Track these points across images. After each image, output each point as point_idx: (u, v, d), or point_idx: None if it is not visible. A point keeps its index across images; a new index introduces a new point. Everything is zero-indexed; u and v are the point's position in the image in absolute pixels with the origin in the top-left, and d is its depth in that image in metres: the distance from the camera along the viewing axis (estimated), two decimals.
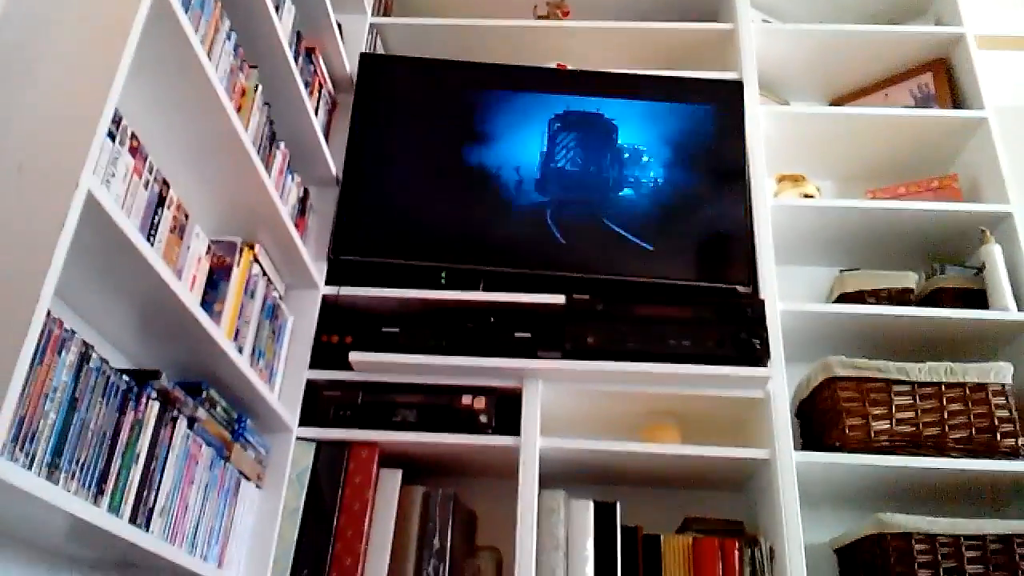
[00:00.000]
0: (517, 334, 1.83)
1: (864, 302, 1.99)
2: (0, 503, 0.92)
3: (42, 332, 0.93)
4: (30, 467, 0.93)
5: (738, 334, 1.79)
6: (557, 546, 1.67)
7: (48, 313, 0.92)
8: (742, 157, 2.05)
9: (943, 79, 2.31)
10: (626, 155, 2.04)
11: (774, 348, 1.82)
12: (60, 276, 0.93)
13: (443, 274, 1.92)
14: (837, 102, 2.50)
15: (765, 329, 1.81)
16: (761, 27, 2.31)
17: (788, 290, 2.09)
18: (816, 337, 2.00)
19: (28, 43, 1.06)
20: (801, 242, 2.17)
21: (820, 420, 1.84)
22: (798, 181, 2.17)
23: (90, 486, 1.05)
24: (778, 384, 1.81)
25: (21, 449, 0.92)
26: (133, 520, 1.14)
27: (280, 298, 1.79)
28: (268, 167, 1.62)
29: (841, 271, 2.11)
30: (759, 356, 1.78)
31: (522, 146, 2.04)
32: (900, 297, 1.99)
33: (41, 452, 0.95)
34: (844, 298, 2.02)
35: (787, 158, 2.29)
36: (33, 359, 0.92)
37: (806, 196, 2.14)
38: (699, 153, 2.05)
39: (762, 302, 1.86)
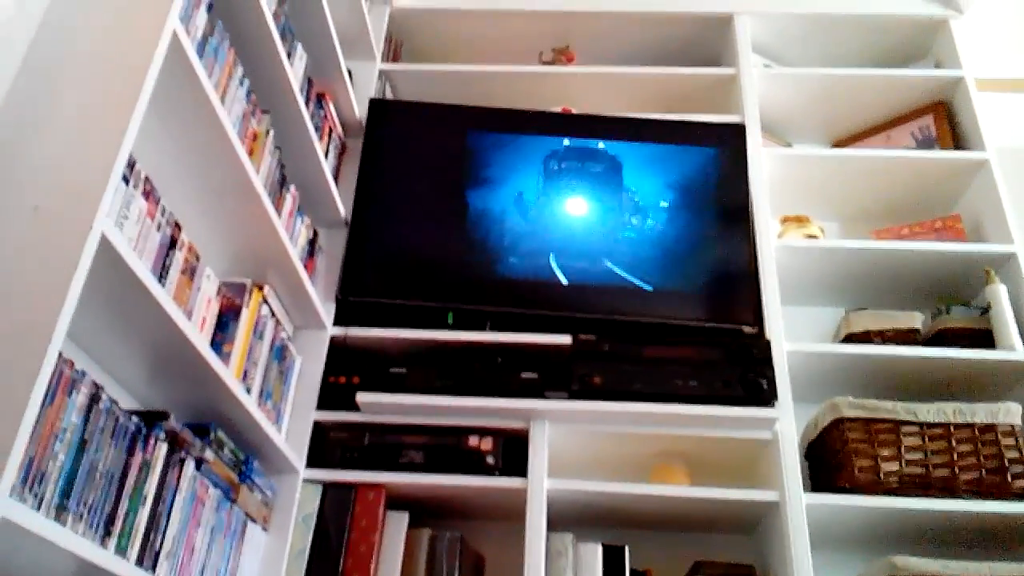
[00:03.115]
0: (524, 374, 1.83)
1: (871, 342, 1.98)
2: (9, 545, 0.91)
3: (53, 373, 0.94)
4: (39, 508, 0.93)
5: (745, 374, 1.79)
6: None
7: (60, 354, 0.93)
8: (746, 199, 2.07)
9: (944, 121, 2.34)
10: (630, 198, 2.06)
11: (781, 388, 1.82)
12: (72, 317, 0.95)
13: (450, 315, 1.93)
14: (839, 144, 2.52)
15: (772, 369, 1.81)
16: (763, 71, 2.35)
17: (794, 331, 2.09)
18: (823, 377, 1.99)
19: (46, 88, 1.09)
20: (806, 283, 2.17)
21: (829, 461, 1.83)
22: (802, 222, 2.18)
23: (98, 527, 1.05)
24: (786, 425, 1.80)
25: (30, 490, 0.92)
26: (140, 562, 1.14)
27: (288, 339, 1.79)
28: (279, 210, 1.64)
29: (847, 311, 2.11)
30: (766, 397, 1.78)
31: (526, 189, 2.06)
32: (907, 337, 1.99)
33: (50, 493, 0.96)
34: (850, 338, 2.02)
35: (791, 199, 2.31)
36: (44, 400, 0.92)
37: (810, 237, 2.15)
38: (703, 195, 2.07)
39: (768, 342, 1.86)
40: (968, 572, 1.63)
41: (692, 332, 1.90)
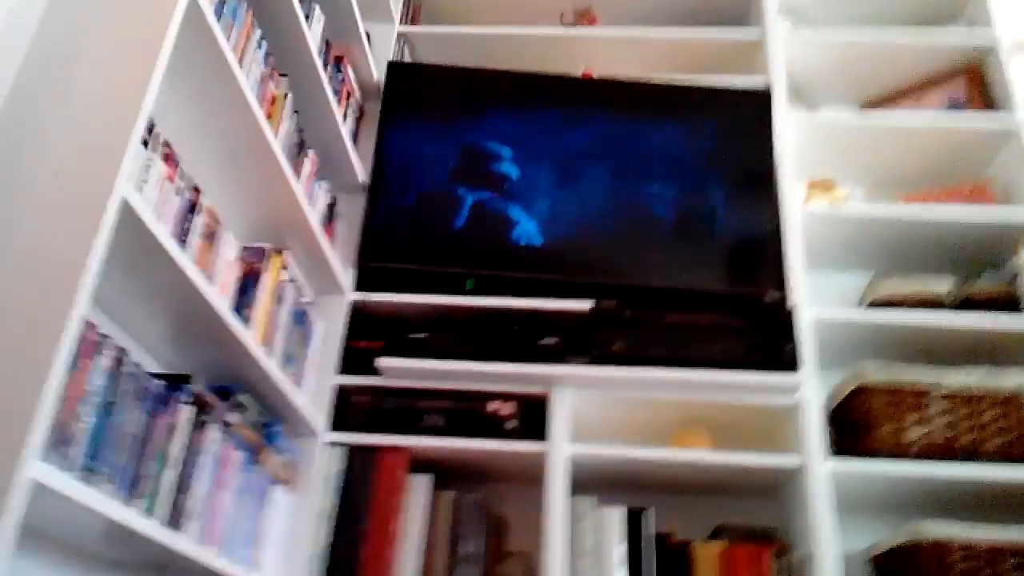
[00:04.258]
0: (544, 340, 1.83)
1: (897, 308, 1.96)
2: (38, 506, 0.93)
3: (78, 337, 0.94)
4: (67, 471, 0.94)
5: (769, 340, 1.78)
6: (587, 552, 1.66)
7: (84, 318, 0.94)
8: (771, 163, 2.03)
9: (976, 84, 2.28)
10: (654, 162, 2.03)
11: (805, 354, 1.80)
12: (95, 282, 0.95)
13: (469, 281, 1.93)
14: (868, 106, 2.47)
15: (796, 335, 1.79)
16: (790, 32, 2.30)
17: (819, 297, 2.07)
18: (848, 344, 1.97)
19: (64, 52, 1.08)
20: (832, 248, 2.14)
21: (852, 427, 1.82)
22: (828, 187, 2.15)
23: (126, 489, 1.06)
24: (810, 390, 1.79)
25: (59, 453, 0.93)
26: (168, 523, 1.15)
27: (309, 304, 1.80)
28: (297, 174, 1.63)
29: (873, 277, 2.08)
30: (790, 362, 1.76)
31: (548, 153, 2.04)
32: (934, 303, 1.96)
33: (77, 456, 0.97)
34: (876, 304, 2.00)
35: (817, 164, 2.26)
36: (70, 364, 0.93)
37: (836, 202, 2.11)
38: (728, 160, 2.03)
39: (792, 308, 1.84)
40: (991, 537, 1.62)
41: (716, 298, 1.88)
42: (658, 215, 1.97)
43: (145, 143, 1.10)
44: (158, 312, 1.26)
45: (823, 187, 2.16)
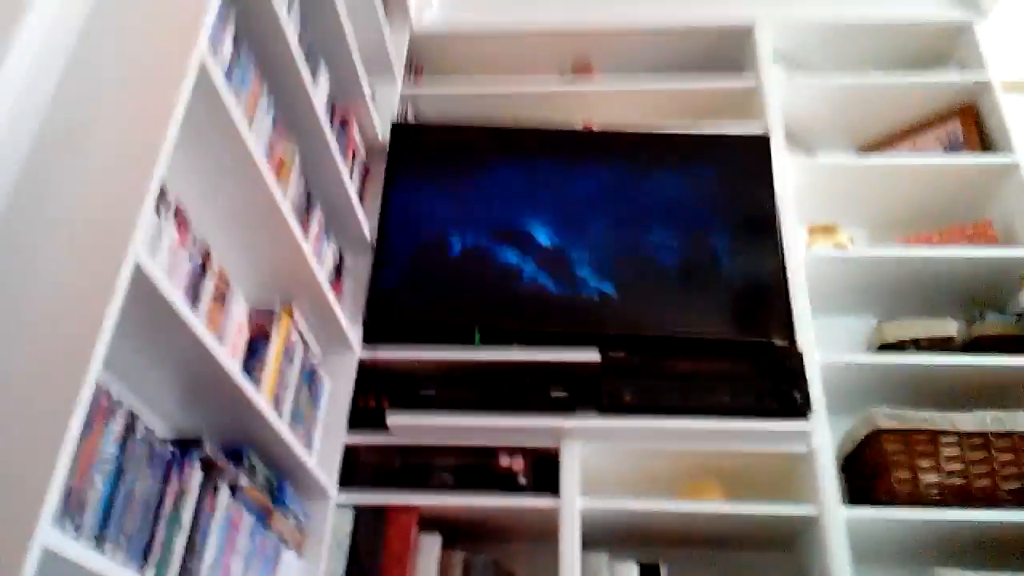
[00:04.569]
0: (553, 392, 1.82)
1: (905, 351, 1.95)
2: (50, 573, 0.92)
3: (91, 403, 0.94)
4: (78, 537, 0.93)
5: (778, 387, 1.77)
6: None
7: (96, 384, 0.94)
8: (773, 209, 2.05)
9: (971, 125, 2.31)
10: (657, 211, 2.05)
11: (815, 400, 1.79)
12: (108, 346, 0.95)
13: (476, 334, 1.93)
14: (865, 150, 2.50)
15: (805, 381, 1.78)
16: (785, 80, 2.34)
17: (826, 341, 2.07)
18: (858, 388, 1.96)
19: (77, 121, 1.10)
20: (836, 292, 2.15)
21: (867, 473, 1.80)
22: (830, 231, 2.16)
23: (136, 555, 1.05)
24: (821, 437, 1.77)
25: (70, 519, 0.92)
26: None
27: (317, 362, 1.80)
28: (306, 233, 1.65)
29: (879, 321, 2.08)
30: (800, 409, 1.75)
31: (552, 205, 2.06)
32: (942, 345, 1.95)
33: (89, 522, 0.96)
34: (884, 347, 1.99)
35: (818, 208, 2.29)
36: (82, 430, 0.93)
37: (839, 246, 2.13)
38: (729, 207, 2.05)
39: (800, 354, 1.83)
40: None
41: (723, 346, 1.88)
42: (663, 263, 1.98)
43: (157, 209, 1.12)
44: (168, 373, 1.26)
45: (825, 231, 2.18)
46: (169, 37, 1.14)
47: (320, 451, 1.77)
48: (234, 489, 1.33)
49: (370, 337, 1.95)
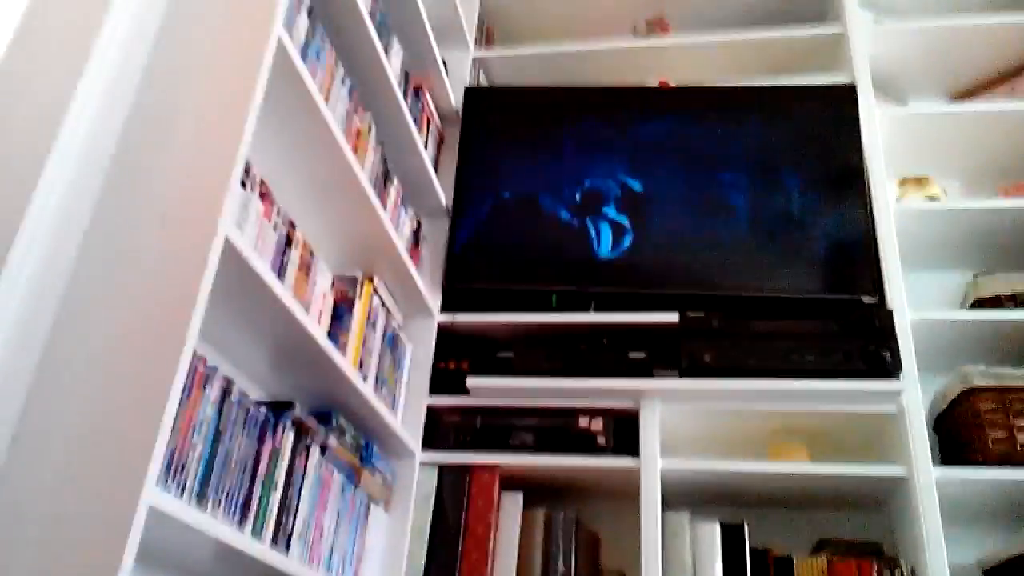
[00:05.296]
0: (631, 354, 1.82)
1: (1001, 307, 1.87)
2: (156, 530, 0.99)
3: (189, 370, 1.00)
4: (181, 496, 1.00)
5: (866, 346, 1.72)
6: (684, 569, 1.64)
7: (194, 352, 1.00)
8: (860, 162, 1.97)
9: None
10: (738, 168, 2.00)
11: (906, 359, 1.74)
12: (202, 317, 1.01)
13: (554, 297, 1.94)
14: (959, 97, 2.37)
15: (895, 340, 1.73)
16: (872, 26, 2.23)
17: (917, 298, 2.00)
18: (951, 346, 1.89)
19: (165, 104, 1.15)
20: (929, 247, 2.06)
21: (960, 433, 1.74)
22: (922, 183, 2.07)
23: (235, 512, 1.12)
24: (912, 397, 1.72)
25: (173, 480, 0.99)
26: (274, 543, 1.21)
27: (399, 327, 1.85)
28: (384, 203, 1.69)
29: (975, 275, 1.99)
30: (890, 368, 1.70)
31: (629, 165, 2.04)
32: None
33: (191, 482, 1.03)
34: (979, 304, 1.91)
35: (909, 160, 2.19)
36: (182, 395, 0.99)
37: (932, 199, 2.04)
38: (814, 161, 1.99)
39: (890, 312, 1.78)
40: None
41: (807, 305, 1.83)
42: (745, 221, 1.93)
43: (243, 184, 1.16)
44: (259, 341, 1.32)
45: (917, 183, 2.09)
46: (246, 18, 1.18)
47: (404, 413, 1.83)
48: (324, 449, 1.40)
49: (448, 303, 1.98)
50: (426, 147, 1.99)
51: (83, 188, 1.07)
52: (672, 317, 1.83)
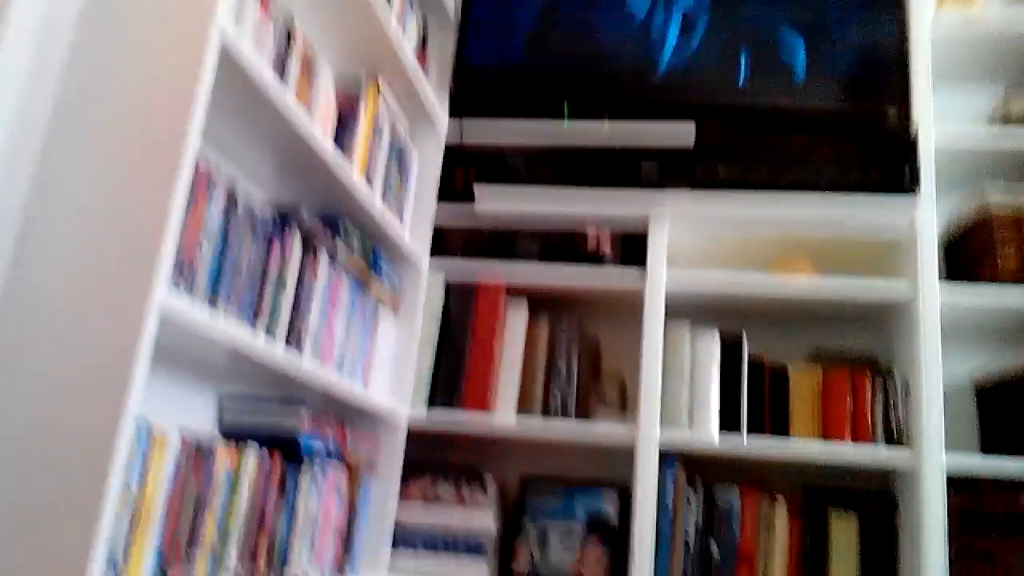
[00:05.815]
0: (644, 164, 1.78)
1: None
2: (169, 329, 1.01)
3: (193, 171, 0.98)
4: (192, 297, 1.02)
5: (886, 161, 1.67)
6: (682, 377, 1.70)
7: (196, 152, 0.97)
8: None
9: None
10: None
11: (925, 176, 1.70)
12: (203, 116, 0.97)
13: (565, 108, 1.87)
14: None
15: (916, 155, 1.68)
16: None
17: (946, 116, 1.92)
18: (974, 167, 1.84)
19: None
20: (964, 64, 1.95)
21: (971, 252, 1.73)
22: None
23: (247, 315, 1.14)
24: (926, 214, 1.70)
25: (185, 282, 1.00)
26: (287, 345, 1.24)
27: (405, 134, 1.80)
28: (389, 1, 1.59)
29: (1006, 89, 1.90)
30: (907, 185, 1.66)
31: None
32: None
33: (201, 285, 1.04)
34: (1009, 121, 1.84)
35: None
36: (188, 197, 0.98)
37: (971, 6, 1.90)
38: None
39: (915, 127, 1.71)
40: None
41: (831, 119, 1.77)
42: (768, 28, 1.82)
43: None
44: (263, 147, 1.29)
45: None
46: None
47: (411, 223, 1.82)
48: (332, 257, 1.41)
49: (457, 111, 1.92)
50: None
51: None
52: (688, 127, 1.77)
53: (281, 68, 1.23)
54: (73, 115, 0.98)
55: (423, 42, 1.85)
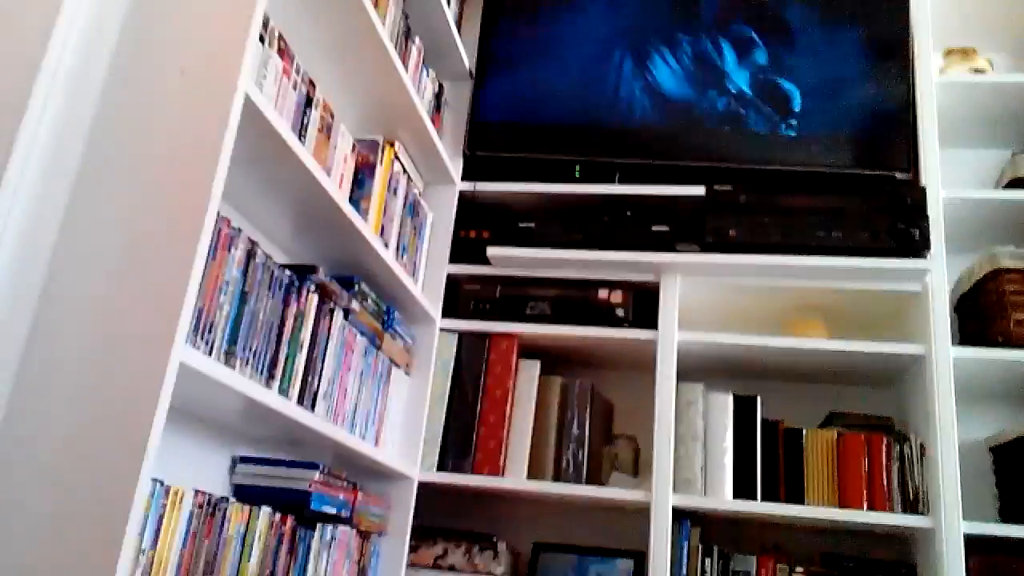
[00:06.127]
0: (654, 227, 1.79)
1: None
2: (185, 386, 1.01)
3: (214, 230, 0.99)
4: (210, 354, 1.02)
5: (895, 224, 1.68)
6: (695, 438, 1.68)
7: (218, 212, 0.98)
8: (904, 30, 1.87)
9: None
10: (773, 33, 1.90)
11: (935, 238, 1.71)
12: (225, 175, 0.99)
13: (577, 168, 1.90)
14: None
15: (926, 217, 1.69)
16: None
17: (953, 176, 1.94)
18: (983, 226, 1.85)
19: None
20: (970, 123, 1.98)
21: (982, 314, 1.73)
22: (968, 55, 1.96)
23: (262, 371, 1.14)
24: (937, 276, 1.70)
25: (202, 338, 1.00)
26: (300, 402, 1.24)
27: (420, 195, 1.82)
28: (405, 63, 1.62)
29: (1013, 154, 1.92)
30: (918, 247, 1.67)
31: (654, 32, 1.94)
32: None
33: (219, 341, 1.04)
34: (1016, 184, 1.85)
35: (955, 30, 2.07)
36: (208, 255, 0.98)
37: (976, 71, 1.94)
38: (856, 28, 1.88)
39: (923, 189, 1.73)
40: None
41: (839, 180, 1.79)
42: (777, 90, 1.86)
43: (261, 39, 1.11)
44: (282, 206, 1.31)
45: (962, 54, 1.98)
46: None
47: (424, 280, 1.83)
48: (347, 313, 1.41)
49: (470, 172, 1.95)
50: (449, 5, 1.89)
51: (100, 42, 1.03)
52: (698, 190, 1.80)
53: (301, 127, 1.26)
54: (97, 175, 0.99)
55: (439, 101, 1.89)
